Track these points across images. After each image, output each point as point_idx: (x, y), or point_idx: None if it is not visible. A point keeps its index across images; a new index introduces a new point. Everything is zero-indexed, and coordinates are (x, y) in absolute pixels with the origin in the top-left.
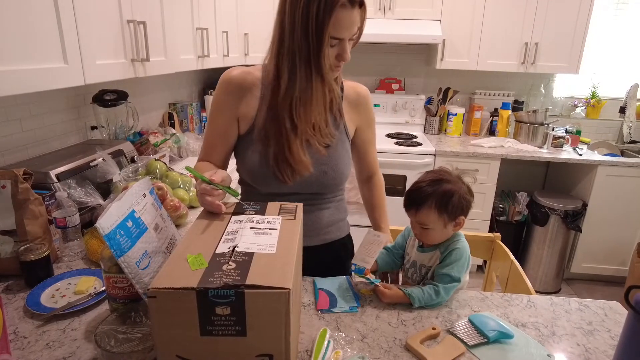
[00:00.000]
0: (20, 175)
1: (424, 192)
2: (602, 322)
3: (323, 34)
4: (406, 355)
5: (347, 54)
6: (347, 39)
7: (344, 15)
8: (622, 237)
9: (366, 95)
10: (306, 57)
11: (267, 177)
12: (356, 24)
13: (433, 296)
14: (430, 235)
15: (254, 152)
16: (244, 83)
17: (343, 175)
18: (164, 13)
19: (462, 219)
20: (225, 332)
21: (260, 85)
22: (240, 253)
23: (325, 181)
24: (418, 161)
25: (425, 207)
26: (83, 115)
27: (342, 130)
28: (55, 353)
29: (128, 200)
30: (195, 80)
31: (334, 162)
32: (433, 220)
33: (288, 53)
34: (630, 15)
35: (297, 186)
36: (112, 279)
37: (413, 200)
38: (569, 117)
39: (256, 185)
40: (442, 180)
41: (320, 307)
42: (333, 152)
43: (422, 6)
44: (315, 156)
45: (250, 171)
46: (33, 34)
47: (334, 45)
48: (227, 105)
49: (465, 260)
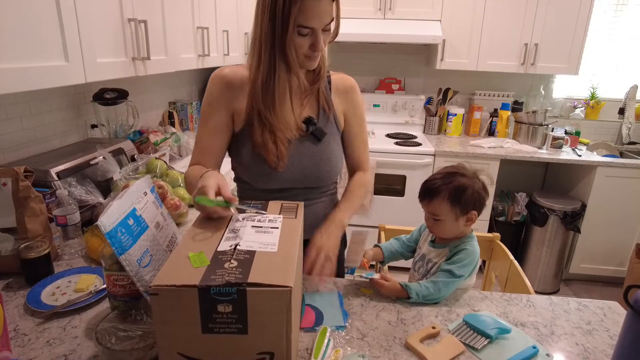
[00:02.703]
0: (21, 173)
1: (439, 183)
2: (601, 322)
3: (288, 20)
4: (406, 354)
5: (319, 44)
6: (319, 29)
7: (312, 3)
8: (621, 238)
9: (352, 85)
10: (271, 44)
11: (263, 172)
12: (328, 15)
13: (431, 289)
14: (441, 227)
15: (248, 148)
16: (235, 80)
17: (337, 168)
18: (165, 12)
19: (474, 214)
20: (226, 330)
21: (248, 82)
22: (241, 251)
23: (319, 175)
24: (418, 161)
25: (438, 197)
26: (83, 113)
27: (332, 122)
28: (55, 350)
29: (129, 199)
30: (195, 79)
31: (327, 155)
32: (445, 211)
33: (257, 41)
34: (629, 16)
35: (292, 181)
36: (112, 277)
37: (427, 190)
38: (568, 118)
39: (252, 181)
40: (457, 173)
41: (304, 325)
42: (326, 145)
43: (422, 6)
44: (309, 150)
45: (246, 167)
46: (34, 32)
47: (305, 34)
48: (221, 102)
49: (472, 262)
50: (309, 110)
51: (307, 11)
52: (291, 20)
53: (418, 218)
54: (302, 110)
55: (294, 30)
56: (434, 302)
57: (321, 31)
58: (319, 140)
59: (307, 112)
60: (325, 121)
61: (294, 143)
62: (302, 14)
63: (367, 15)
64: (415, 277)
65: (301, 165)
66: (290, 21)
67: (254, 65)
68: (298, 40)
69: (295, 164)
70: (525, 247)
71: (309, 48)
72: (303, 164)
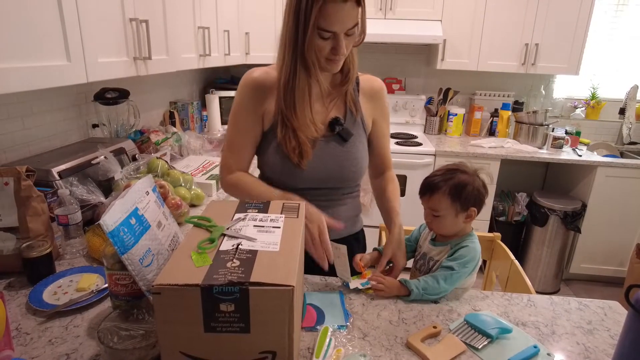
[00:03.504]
0: (23, 173)
1: (439, 178)
2: (602, 322)
3: (308, 22)
4: (407, 354)
5: (341, 48)
6: (341, 33)
7: (333, 7)
8: (621, 238)
9: (381, 88)
10: (293, 45)
11: (287, 170)
12: (351, 19)
13: (429, 282)
14: (441, 223)
15: (274, 146)
16: (265, 82)
17: (362, 169)
18: (166, 12)
19: (473, 211)
20: (228, 329)
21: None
22: (244, 250)
23: (344, 175)
24: (418, 161)
25: (438, 193)
26: (84, 113)
27: (359, 124)
28: (58, 349)
29: (131, 198)
30: (196, 79)
31: (353, 156)
32: (445, 207)
33: (282, 42)
34: (630, 16)
35: (317, 180)
36: (114, 277)
37: (427, 186)
38: (568, 118)
39: (277, 180)
40: (458, 170)
41: (305, 324)
42: (352, 146)
43: (422, 6)
44: (335, 150)
45: (271, 165)
46: (36, 32)
47: (327, 38)
48: (251, 104)
49: (474, 258)
50: (336, 111)
51: (328, 15)
52: (311, 22)
53: (418, 218)
54: (328, 111)
55: (313, 33)
56: (435, 299)
57: (344, 35)
58: (345, 141)
59: (333, 113)
60: (352, 122)
61: (320, 143)
62: (323, 17)
63: (367, 15)
64: (417, 275)
65: (326, 165)
66: (310, 23)
67: (279, 65)
68: (319, 43)
69: (320, 164)
70: (526, 247)
71: (330, 51)
72: (328, 164)
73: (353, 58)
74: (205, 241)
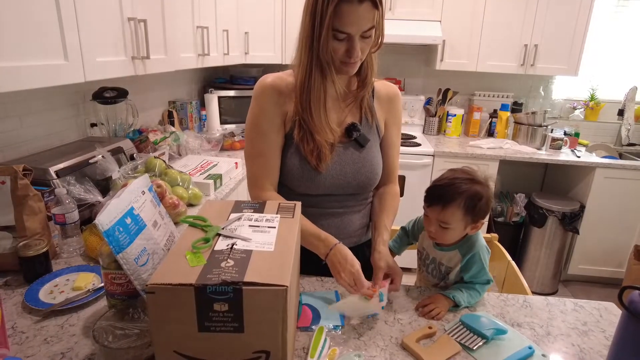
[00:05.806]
0: (20, 172)
1: (457, 189)
2: (597, 323)
3: (324, 23)
4: (402, 354)
5: (355, 51)
6: (356, 35)
7: (348, 8)
8: (619, 239)
9: (396, 94)
10: (309, 45)
11: (304, 175)
12: (366, 21)
13: (473, 296)
14: (447, 235)
15: (293, 152)
16: (280, 86)
17: (378, 175)
18: (165, 11)
19: (481, 223)
20: (222, 329)
21: (293, 88)
22: (238, 250)
23: (361, 182)
24: (417, 162)
25: (453, 205)
26: (82, 112)
27: (375, 129)
28: (53, 348)
29: (127, 198)
30: (195, 78)
31: (369, 161)
32: (457, 219)
33: (299, 42)
34: (629, 18)
35: (334, 187)
36: (110, 276)
37: (440, 196)
38: (567, 119)
39: (294, 185)
40: (472, 180)
41: (301, 324)
42: (368, 152)
43: (422, 7)
44: (353, 156)
45: (289, 169)
46: (34, 31)
47: (342, 39)
48: (272, 108)
49: (485, 264)
50: (351, 116)
51: (343, 16)
52: (326, 23)
53: None
54: (345, 116)
55: (328, 33)
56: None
57: (359, 37)
58: (361, 147)
59: (349, 118)
60: (367, 128)
61: (338, 149)
62: (338, 18)
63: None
64: (429, 279)
65: (343, 171)
66: (325, 24)
67: (296, 65)
68: (334, 44)
69: (339, 170)
70: (524, 248)
71: (344, 54)
72: (346, 170)
73: (372, 63)
74: (199, 241)
